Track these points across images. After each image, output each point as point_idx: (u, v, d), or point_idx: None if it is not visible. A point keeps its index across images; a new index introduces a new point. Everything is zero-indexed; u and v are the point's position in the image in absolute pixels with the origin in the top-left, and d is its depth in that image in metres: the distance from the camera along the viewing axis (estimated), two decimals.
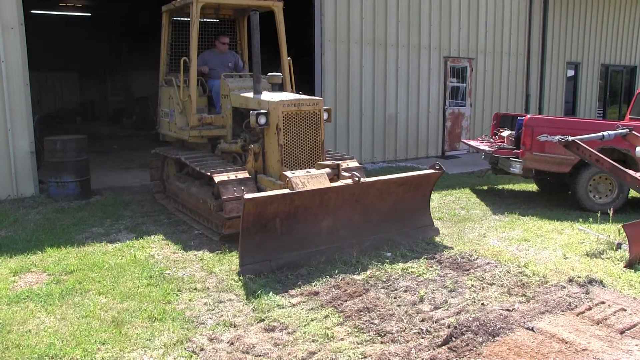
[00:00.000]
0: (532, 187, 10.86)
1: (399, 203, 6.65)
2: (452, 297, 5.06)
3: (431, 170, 6.73)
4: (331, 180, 6.23)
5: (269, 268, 5.64)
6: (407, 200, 6.74)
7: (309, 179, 6.00)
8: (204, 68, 8.49)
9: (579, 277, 5.42)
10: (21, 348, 4.14)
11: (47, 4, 20.48)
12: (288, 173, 6.14)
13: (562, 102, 18.30)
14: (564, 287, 5.21)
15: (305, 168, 6.80)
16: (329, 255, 6.00)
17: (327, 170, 6.39)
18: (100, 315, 4.71)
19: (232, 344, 4.21)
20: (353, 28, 12.74)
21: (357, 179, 6.03)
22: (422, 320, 4.57)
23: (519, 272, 5.65)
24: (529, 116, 8.98)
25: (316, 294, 5.12)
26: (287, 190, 5.77)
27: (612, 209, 7.79)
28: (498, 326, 4.31)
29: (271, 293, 5.09)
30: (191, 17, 8.00)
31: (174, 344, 4.20)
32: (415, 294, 5.12)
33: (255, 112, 6.82)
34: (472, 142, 10.75)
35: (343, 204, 6.17)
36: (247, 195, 5.46)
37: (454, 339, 4.14)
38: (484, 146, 9.93)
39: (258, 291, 5.12)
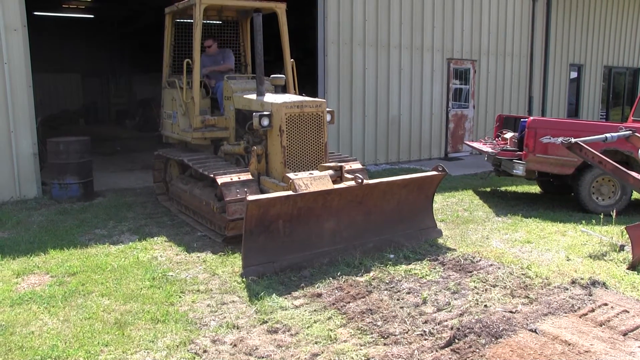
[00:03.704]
0: (535, 188, 10.84)
1: (402, 205, 6.65)
2: (455, 299, 5.05)
3: (434, 172, 6.72)
4: (334, 182, 6.23)
5: (272, 270, 5.63)
6: (410, 202, 6.73)
7: (312, 180, 6.00)
8: (210, 82, 8.56)
9: (581, 278, 5.41)
10: (24, 350, 4.14)
11: (49, 5, 20.54)
12: (291, 175, 6.14)
13: (565, 104, 18.28)
14: (567, 289, 5.20)
15: (308, 170, 6.79)
16: (332, 257, 5.99)
17: (330, 172, 6.39)
18: (103, 317, 4.71)
19: (235, 345, 4.21)
20: (356, 30, 12.74)
21: (360, 180, 6.03)
22: (425, 322, 4.56)
23: (522, 273, 5.64)
24: (532, 118, 8.98)
25: (319, 295, 5.11)
26: (290, 192, 5.77)
27: (615, 210, 7.78)
28: (501, 328, 4.30)
29: (274, 295, 5.09)
30: (194, 19, 8.01)
31: (177, 346, 4.20)
32: (418, 295, 5.12)
33: (258, 113, 6.82)
34: (475, 144, 10.74)
35: (346, 206, 6.17)
36: (250, 197, 5.46)
37: (456, 341, 4.13)
38: (487, 148, 9.93)
39: (261, 293, 5.12)
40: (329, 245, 6.07)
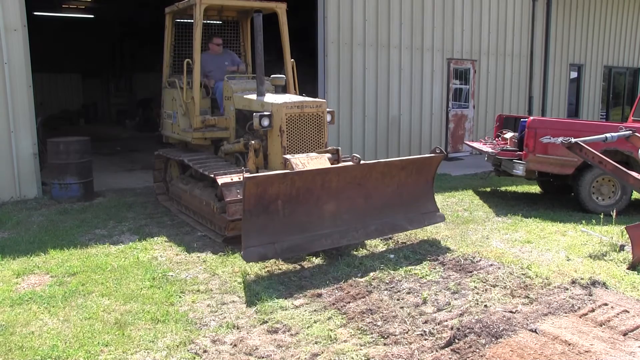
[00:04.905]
0: (535, 188, 10.85)
1: (402, 188, 6.63)
2: (455, 299, 5.05)
3: (432, 154, 6.72)
4: (332, 164, 6.25)
5: (272, 251, 5.60)
6: (410, 185, 6.71)
7: (309, 159, 6.01)
8: (209, 82, 8.54)
9: (582, 278, 5.41)
10: (24, 350, 4.14)
11: (49, 5, 20.53)
12: (288, 155, 6.15)
13: (565, 104, 18.28)
14: (567, 289, 5.20)
15: None
16: (334, 240, 5.97)
17: (328, 155, 6.42)
18: (103, 317, 4.72)
19: (235, 345, 4.21)
20: (356, 30, 12.73)
21: (357, 159, 6.03)
22: (425, 322, 4.56)
23: (522, 273, 5.64)
24: (532, 118, 8.98)
25: (319, 295, 5.11)
26: (287, 171, 5.76)
27: (615, 210, 7.77)
28: (501, 328, 4.30)
29: (274, 295, 5.09)
30: (194, 19, 8.01)
31: (177, 346, 4.20)
32: (418, 295, 5.12)
33: (259, 114, 6.82)
34: (475, 144, 10.74)
35: (345, 187, 6.14)
36: (247, 175, 5.44)
37: (457, 341, 4.13)
38: (487, 148, 9.93)
39: (261, 293, 5.12)
40: (330, 228, 6.03)
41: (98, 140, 15.51)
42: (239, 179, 6.71)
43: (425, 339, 4.26)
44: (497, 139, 10.36)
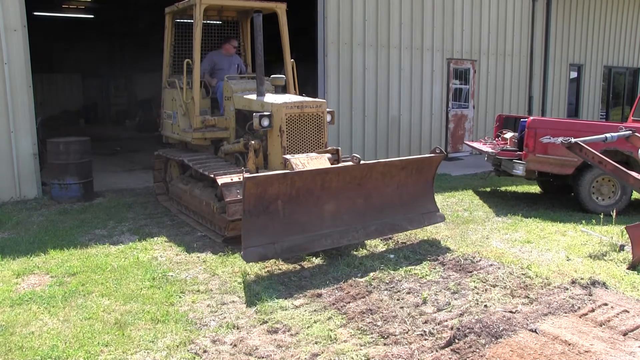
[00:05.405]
0: (535, 188, 10.85)
1: (402, 188, 6.64)
2: (455, 299, 5.05)
3: (432, 155, 6.73)
4: (332, 164, 6.26)
5: (272, 251, 5.60)
6: (410, 185, 6.72)
7: (309, 159, 6.02)
8: (211, 80, 8.52)
9: (581, 278, 5.41)
10: (24, 350, 4.14)
11: (49, 6, 20.53)
12: (288, 155, 6.15)
13: (565, 104, 18.27)
14: (567, 289, 5.20)
15: None
16: (334, 240, 5.97)
17: (328, 155, 6.42)
18: (103, 317, 4.72)
19: (235, 345, 4.21)
20: (356, 30, 12.73)
21: (357, 159, 6.04)
22: (425, 322, 4.56)
23: (522, 273, 5.64)
24: (532, 118, 8.98)
25: (319, 295, 5.11)
26: (287, 171, 5.76)
27: (615, 210, 7.77)
28: (501, 328, 4.30)
29: (274, 295, 5.09)
30: (194, 19, 8.02)
31: (177, 346, 4.20)
32: (418, 295, 5.12)
33: (259, 114, 6.82)
34: (475, 144, 10.74)
35: (345, 188, 6.14)
36: (247, 175, 5.45)
37: (457, 341, 4.13)
38: (487, 148, 9.93)
39: (261, 293, 5.13)
40: (330, 228, 6.03)
41: (98, 141, 15.50)
42: (239, 179, 6.71)
43: (425, 339, 4.26)
44: (497, 139, 10.36)
